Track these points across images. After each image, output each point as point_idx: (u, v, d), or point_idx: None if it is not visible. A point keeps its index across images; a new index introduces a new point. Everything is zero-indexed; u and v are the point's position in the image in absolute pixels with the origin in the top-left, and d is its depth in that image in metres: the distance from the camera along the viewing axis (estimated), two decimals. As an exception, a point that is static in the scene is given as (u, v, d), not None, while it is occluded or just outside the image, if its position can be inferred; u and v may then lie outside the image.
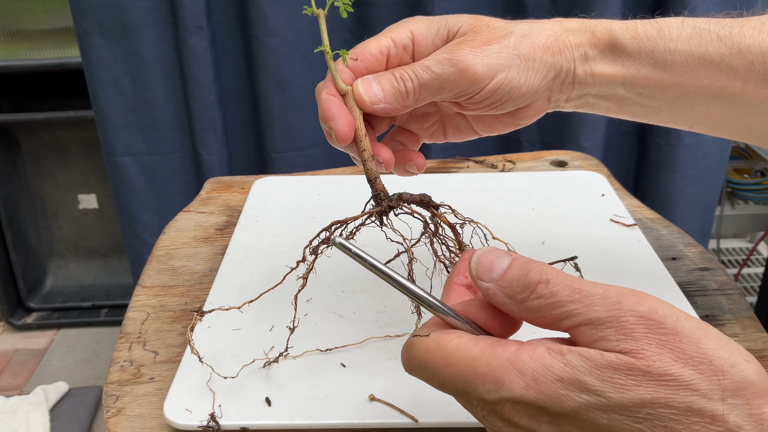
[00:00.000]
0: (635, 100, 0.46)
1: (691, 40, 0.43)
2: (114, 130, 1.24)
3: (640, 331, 0.29)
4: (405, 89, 0.43)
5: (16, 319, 1.83)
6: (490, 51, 0.43)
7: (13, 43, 1.65)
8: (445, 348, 0.32)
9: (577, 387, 0.29)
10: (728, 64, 0.43)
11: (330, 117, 0.43)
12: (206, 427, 0.45)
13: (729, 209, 1.61)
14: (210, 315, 0.56)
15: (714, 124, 0.47)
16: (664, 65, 0.44)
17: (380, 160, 0.46)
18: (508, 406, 0.30)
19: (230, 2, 1.18)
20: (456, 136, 0.52)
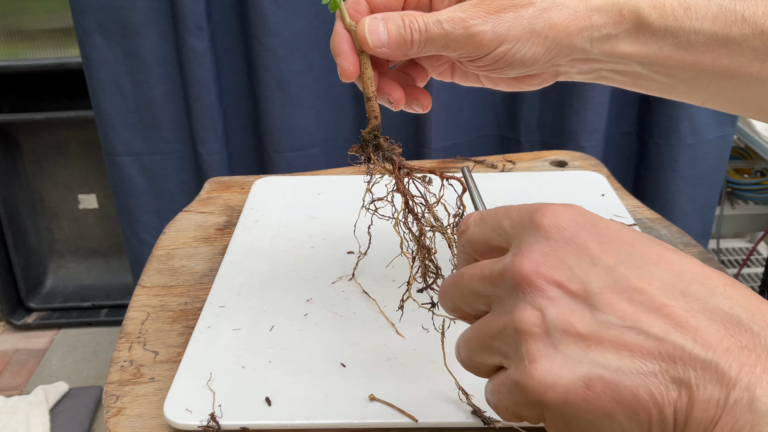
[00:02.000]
0: (651, 76, 0.46)
1: (717, 20, 0.42)
2: (114, 130, 1.24)
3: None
4: (411, 39, 0.43)
5: (16, 319, 1.83)
6: (503, 19, 0.42)
7: (13, 43, 1.65)
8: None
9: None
10: (750, 44, 0.43)
11: (337, 53, 0.44)
12: (206, 427, 0.45)
13: (729, 209, 1.61)
14: (210, 315, 0.56)
15: (727, 101, 0.47)
16: (687, 45, 0.43)
17: (391, 99, 0.47)
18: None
19: (230, 2, 1.18)
20: (462, 80, 0.51)
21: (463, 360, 0.34)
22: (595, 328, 0.28)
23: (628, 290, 0.28)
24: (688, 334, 0.27)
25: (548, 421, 0.30)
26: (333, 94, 1.24)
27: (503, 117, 1.29)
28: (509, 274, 0.30)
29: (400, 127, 1.26)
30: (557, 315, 0.29)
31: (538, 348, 0.29)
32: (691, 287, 0.28)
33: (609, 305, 0.28)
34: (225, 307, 0.57)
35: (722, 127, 1.24)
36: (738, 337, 0.26)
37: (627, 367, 0.27)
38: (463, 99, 1.25)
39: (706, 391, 0.26)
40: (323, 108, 1.25)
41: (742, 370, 0.26)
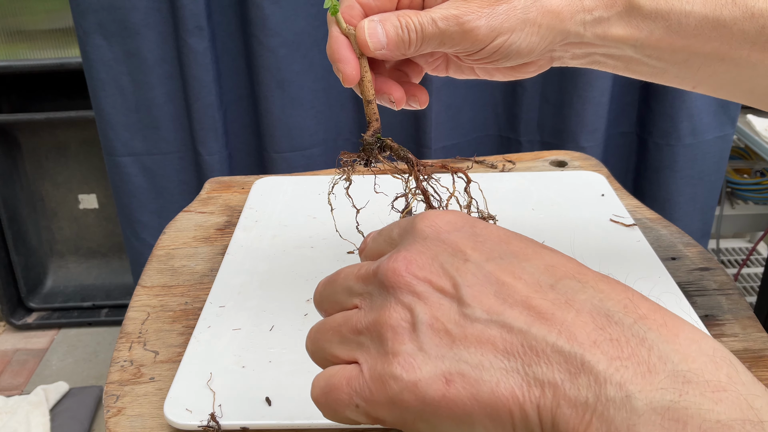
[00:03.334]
0: (643, 60, 0.46)
1: (707, 3, 0.43)
2: (114, 130, 1.24)
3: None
4: (408, 39, 0.43)
5: (16, 319, 1.83)
6: (497, 12, 0.42)
7: (13, 43, 1.65)
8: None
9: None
10: (740, 27, 0.43)
11: (338, 59, 0.44)
12: (206, 427, 0.45)
13: (729, 209, 1.61)
14: (210, 315, 0.56)
15: (717, 85, 0.48)
16: (678, 27, 0.43)
17: (392, 99, 0.47)
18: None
19: (230, 2, 1.18)
20: (456, 74, 0.51)
21: (313, 349, 0.33)
22: (462, 323, 0.27)
23: (495, 284, 0.28)
24: (553, 326, 0.26)
25: (407, 424, 0.28)
26: (333, 94, 1.24)
27: (503, 117, 1.29)
28: (381, 271, 0.30)
29: (400, 127, 1.26)
30: (425, 311, 0.28)
31: (403, 343, 0.28)
32: (561, 281, 0.28)
33: (476, 299, 0.28)
34: (225, 307, 0.57)
35: (722, 127, 1.24)
36: (607, 330, 0.25)
37: (488, 363, 0.26)
38: (463, 99, 1.25)
39: (573, 388, 0.24)
40: (323, 108, 1.25)
41: (611, 364, 0.24)
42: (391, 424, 0.29)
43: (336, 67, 0.44)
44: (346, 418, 0.30)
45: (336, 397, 0.30)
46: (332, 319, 0.32)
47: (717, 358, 0.24)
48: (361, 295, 0.31)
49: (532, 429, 0.25)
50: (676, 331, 0.25)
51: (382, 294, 0.30)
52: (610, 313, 0.26)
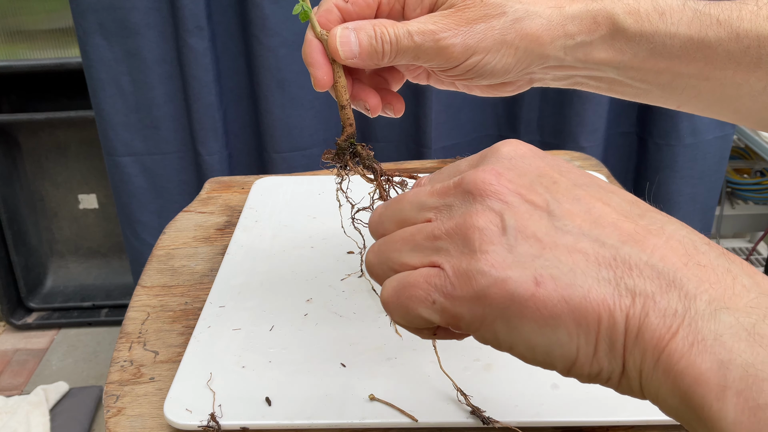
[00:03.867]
0: (626, 82, 0.46)
1: (692, 24, 0.42)
2: (114, 130, 1.24)
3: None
4: (381, 50, 0.42)
5: (16, 319, 1.83)
6: (474, 31, 0.42)
7: (13, 43, 1.65)
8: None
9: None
10: (725, 48, 0.43)
11: (310, 63, 0.43)
12: (206, 427, 0.45)
13: (729, 209, 1.61)
14: (210, 315, 0.56)
15: (702, 105, 0.47)
16: (663, 49, 0.43)
17: (367, 106, 0.46)
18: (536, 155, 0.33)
19: (230, 2, 1.18)
20: (437, 84, 0.51)
21: (377, 261, 0.32)
22: (552, 233, 0.28)
23: (586, 206, 0.28)
24: (646, 247, 0.27)
25: (486, 323, 0.28)
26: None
27: (503, 117, 1.29)
28: (468, 180, 0.30)
29: (400, 128, 1.26)
30: (515, 218, 0.28)
31: (492, 242, 0.28)
32: (648, 213, 0.29)
33: (568, 214, 0.28)
34: (225, 307, 0.57)
35: (722, 127, 1.24)
36: (696, 257, 0.26)
37: (581, 270, 0.27)
38: (463, 99, 1.25)
39: (663, 300, 0.25)
40: (323, 108, 1.25)
41: (701, 284, 0.25)
42: (467, 324, 0.29)
43: (309, 70, 0.44)
44: (419, 318, 0.30)
45: (412, 293, 0.29)
46: (402, 231, 0.31)
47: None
48: (437, 208, 0.31)
49: (616, 337, 0.26)
50: (755, 271, 0.27)
51: (467, 202, 0.29)
52: (697, 245, 0.27)
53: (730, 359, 0.23)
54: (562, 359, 0.27)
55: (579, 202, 0.29)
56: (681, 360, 0.24)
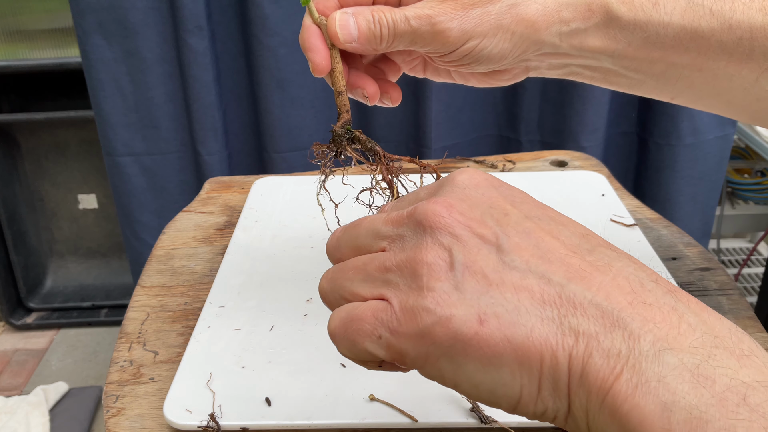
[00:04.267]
0: (621, 72, 0.46)
1: (685, 14, 0.43)
2: (114, 130, 1.24)
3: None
4: (380, 35, 0.43)
5: (16, 319, 1.83)
6: (470, 15, 0.42)
7: (13, 43, 1.65)
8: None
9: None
10: (718, 39, 0.43)
11: (308, 48, 0.44)
12: (206, 427, 0.45)
13: (729, 209, 1.61)
14: (210, 315, 0.56)
15: (696, 97, 0.48)
16: (656, 39, 0.43)
17: (365, 93, 0.47)
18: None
19: (230, 2, 1.18)
20: (433, 76, 0.51)
21: (330, 288, 0.33)
22: (499, 269, 0.28)
23: (535, 240, 0.28)
24: (592, 285, 0.27)
25: (431, 360, 0.28)
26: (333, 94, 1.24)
27: (503, 117, 1.29)
28: (419, 212, 0.30)
29: (400, 127, 1.26)
30: (463, 253, 0.28)
31: (439, 280, 0.28)
32: (597, 249, 0.29)
33: (516, 248, 0.28)
34: (225, 307, 0.57)
35: (722, 127, 1.24)
36: (642, 295, 0.26)
37: (525, 308, 0.27)
38: (463, 99, 1.25)
39: (606, 340, 0.25)
40: (323, 108, 1.25)
41: (645, 324, 0.25)
42: (412, 360, 0.29)
43: (306, 56, 0.44)
44: (365, 351, 0.30)
45: (358, 327, 0.30)
46: (355, 259, 0.32)
47: (738, 333, 0.26)
48: (390, 237, 0.31)
49: (559, 377, 0.26)
50: (702, 308, 0.27)
51: (418, 234, 0.30)
52: (644, 282, 0.27)
53: (673, 401, 0.23)
54: (506, 398, 0.27)
55: (528, 235, 0.29)
56: (625, 402, 0.24)
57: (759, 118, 0.49)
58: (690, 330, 0.25)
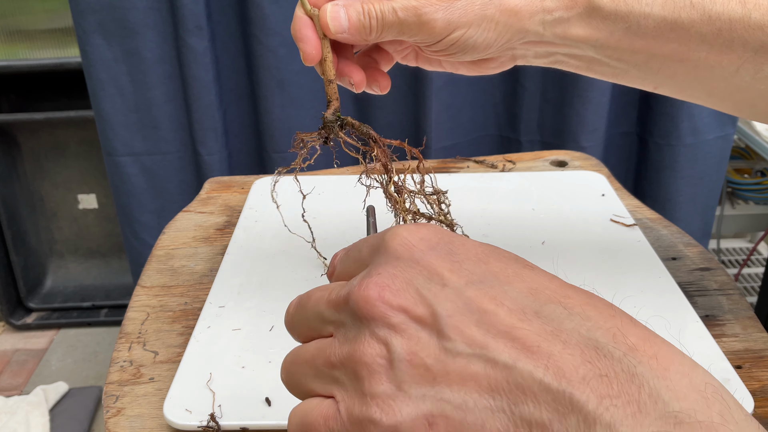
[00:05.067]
0: (604, 61, 0.47)
1: (666, 5, 0.44)
2: (114, 130, 1.24)
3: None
4: (369, 25, 0.44)
5: (15, 319, 1.83)
6: (455, 7, 0.43)
7: (13, 43, 1.65)
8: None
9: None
10: (698, 30, 0.44)
11: (300, 38, 0.45)
12: (206, 427, 0.45)
13: (729, 209, 1.61)
14: (210, 315, 0.56)
15: (678, 87, 0.49)
16: (638, 29, 0.44)
17: (351, 81, 0.48)
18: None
19: (230, 2, 1.18)
20: (425, 65, 0.53)
21: (288, 382, 0.32)
22: (442, 358, 0.26)
23: (477, 312, 0.26)
24: (540, 360, 0.24)
25: None
26: (333, 94, 1.24)
27: (503, 117, 1.29)
28: (353, 299, 0.28)
29: (401, 127, 1.26)
30: (402, 346, 0.26)
31: (380, 383, 0.26)
32: (546, 307, 0.26)
33: (457, 330, 0.26)
34: (225, 307, 0.57)
35: (722, 127, 1.24)
36: (596, 364, 0.24)
37: (473, 403, 0.25)
38: (463, 99, 1.25)
39: (562, 429, 0.23)
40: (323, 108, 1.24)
41: (602, 402, 0.23)
42: None
43: (298, 45, 0.45)
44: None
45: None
46: (305, 349, 0.31)
47: (709, 394, 0.23)
48: (334, 323, 0.30)
49: None
50: (667, 364, 0.24)
51: (356, 324, 0.28)
52: (599, 345, 0.24)
53: None
54: None
55: (469, 308, 0.26)
56: None
57: (740, 109, 0.50)
58: (651, 403, 0.23)
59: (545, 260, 0.62)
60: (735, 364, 0.50)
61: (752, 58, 0.44)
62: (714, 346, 0.51)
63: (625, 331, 0.25)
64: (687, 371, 0.24)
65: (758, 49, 0.44)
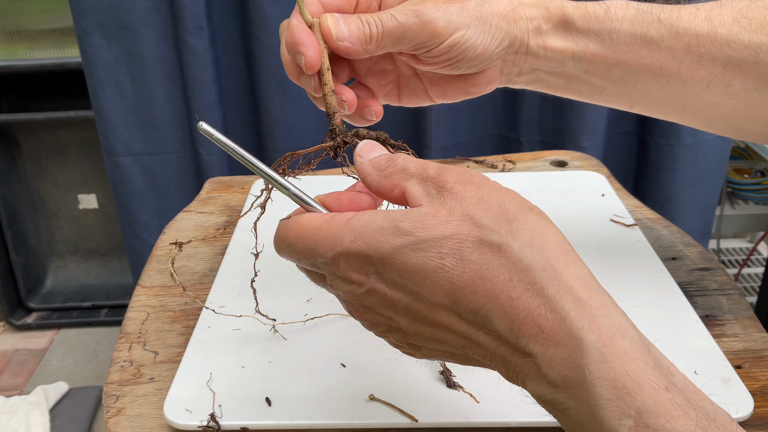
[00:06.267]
0: (582, 77, 0.49)
1: (635, 21, 0.47)
2: (114, 130, 1.24)
3: (453, 188, 0.35)
4: (369, 33, 0.44)
5: (16, 319, 1.83)
6: (452, 9, 0.45)
7: (13, 43, 1.65)
8: (298, 223, 0.39)
9: (393, 231, 0.34)
10: (667, 44, 0.46)
11: (300, 42, 0.44)
12: (206, 427, 0.45)
13: (729, 209, 1.61)
14: (210, 315, 0.56)
15: (653, 104, 0.51)
16: (611, 43, 0.47)
17: (344, 99, 0.47)
18: (342, 262, 0.35)
19: (230, 2, 1.18)
20: (410, 100, 0.53)
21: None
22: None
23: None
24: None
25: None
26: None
27: (503, 117, 1.29)
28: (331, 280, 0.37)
29: (400, 127, 1.26)
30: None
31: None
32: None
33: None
34: (225, 307, 0.57)
35: (722, 127, 1.24)
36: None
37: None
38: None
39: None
40: (323, 108, 1.24)
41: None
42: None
43: (297, 50, 0.44)
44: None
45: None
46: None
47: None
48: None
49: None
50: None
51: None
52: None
53: None
54: None
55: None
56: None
57: (713, 124, 0.52)
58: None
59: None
60: (735, 364, 0.50)
61: (722, 73, 0.46)
62: (714, 346, 0.51)
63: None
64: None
65: (726, 64, 0.46)
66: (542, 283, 0.32)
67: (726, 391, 0.47)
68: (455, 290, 0.33)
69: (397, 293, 0.35)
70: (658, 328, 0.53)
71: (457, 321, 0.34)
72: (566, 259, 0.34)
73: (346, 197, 0.40)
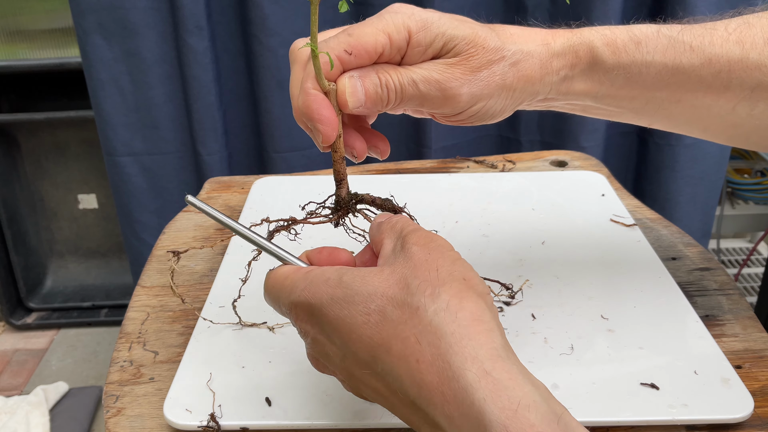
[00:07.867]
0: (601, 108, 0.48)
1: (667, 52, 0.44)
2: (114, 130, 1.24)
3: (410, 248, 0.37)
4: (386, 98, 0.42)
5: (16, 319, 1.83)
6: (478, 79, 0.42)
7: (13, 43, 1.65)
8: (276, 272, 0.40)
9: (335, 283, 0.36)
10: (698, 73, 0.44)
11: (318, 119, 0.41)
12: (206, 427, 0.45)
13: (729, 209, 1.61)
14: (210, 315, 0.56)
15: (673, 124, 0.49)
16: (638, 78, 0.45)
17: (354, 153, 0.45)
18: (294, 310, 0.38)
19: (230, 2, 1.18)
20: (413, 114, 0.51)
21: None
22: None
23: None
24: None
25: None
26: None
27: (503, 117, 1.29)
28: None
29: (400, 127, 1.26)
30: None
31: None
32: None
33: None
34: (225, 307, 0.57)
35: (722, 127, 1.24)
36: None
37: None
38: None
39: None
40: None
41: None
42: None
43: (314, 126, 0.42)
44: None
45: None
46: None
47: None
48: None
49: None
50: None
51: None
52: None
53: None
54: None
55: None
56: None
57: (734, 140, 0.51)
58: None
59: (545, 260, 0.63)
60: (735, 364, 0.50)
61: (749, 96, 0.45)
62: (714, 346, 0.51)
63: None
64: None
65: (755, 87, 0.44)
66: (448, 349, 0.32)
67: (726, 391, 0.47)
68: (374, 347, 0.34)
69: (332, 345, 0.36)
70: (658, 328, 0.53)
71: (377, 381, 0.35)
72: (478, 328, 0.33)
73: (326, 252, 0.41)
